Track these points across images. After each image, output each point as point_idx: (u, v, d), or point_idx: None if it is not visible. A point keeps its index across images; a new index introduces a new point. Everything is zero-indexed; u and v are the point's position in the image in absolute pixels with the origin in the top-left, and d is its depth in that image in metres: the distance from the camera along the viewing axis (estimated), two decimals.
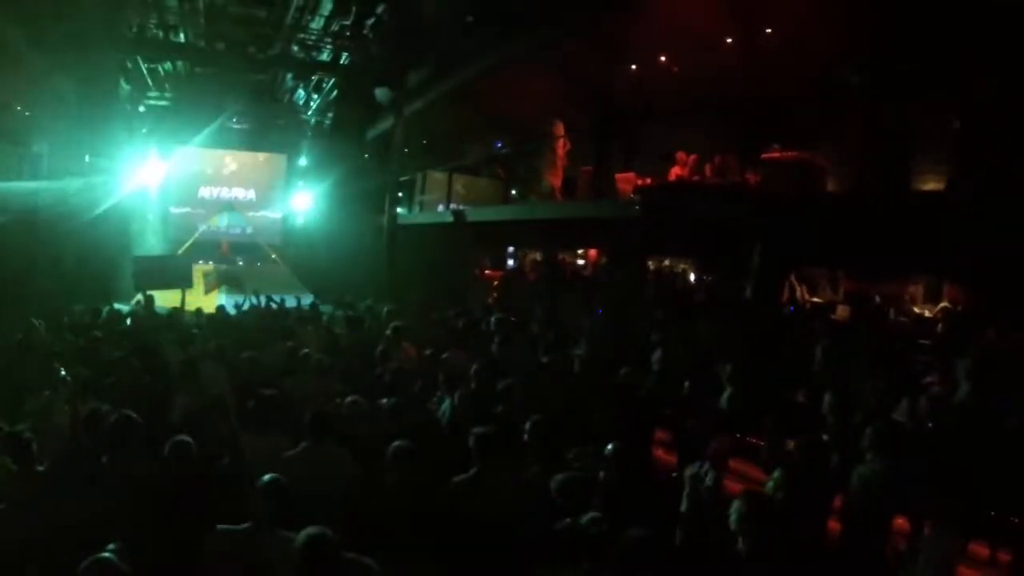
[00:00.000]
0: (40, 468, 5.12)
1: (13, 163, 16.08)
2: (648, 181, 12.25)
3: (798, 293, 10.92)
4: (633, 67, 12.95)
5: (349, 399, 6.36)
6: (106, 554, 3.55)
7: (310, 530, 3.52)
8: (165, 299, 13.24)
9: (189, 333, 10.09)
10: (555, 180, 14.78)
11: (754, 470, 6.91)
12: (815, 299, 10.92)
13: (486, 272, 21.52)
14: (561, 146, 14.47)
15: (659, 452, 7.52)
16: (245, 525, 4.07)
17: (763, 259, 10.18)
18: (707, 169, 11.16)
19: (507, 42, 14.07)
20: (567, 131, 14.10)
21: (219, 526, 4.06)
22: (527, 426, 5.60)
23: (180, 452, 4.97)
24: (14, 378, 7.83)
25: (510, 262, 21.64)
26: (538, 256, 20.15)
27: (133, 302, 13.32)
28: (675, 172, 11.83)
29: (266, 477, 4.22)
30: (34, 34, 15.25)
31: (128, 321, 11.63)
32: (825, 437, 6.01)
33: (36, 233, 15.51)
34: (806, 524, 5.29)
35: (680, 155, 11.77)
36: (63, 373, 7.54)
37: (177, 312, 12.18)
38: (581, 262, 19.17)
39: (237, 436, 5.74)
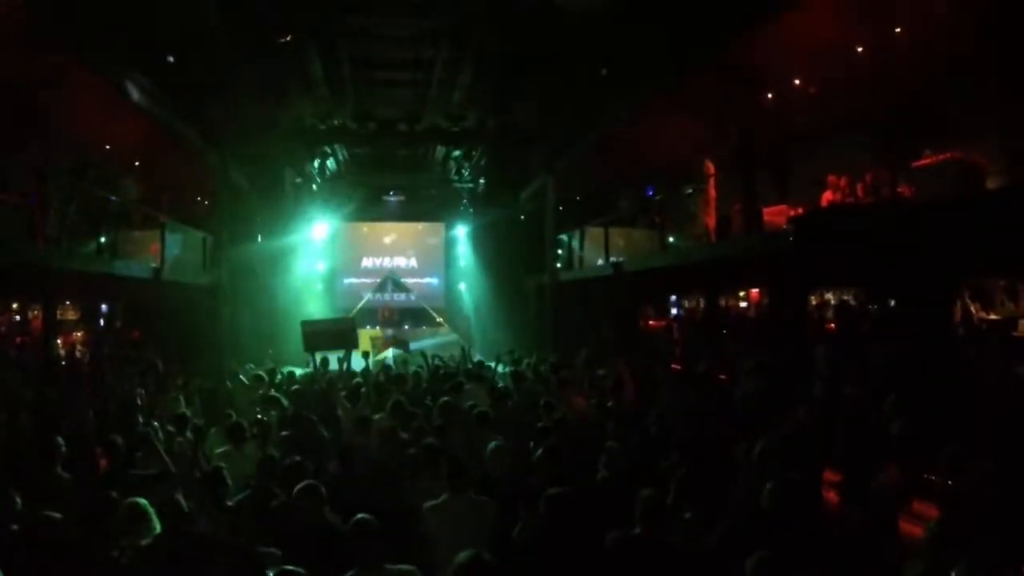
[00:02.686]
0: (229, 503, 5.78)
1: (197, 244, 17.45)
2: (800, 211, 11.75)
3: (972, 311, 10.06)
4: (769, 95, 12.56)
5: (492, 445, 6.43)
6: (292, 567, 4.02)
7: (469, 552, 3.66)
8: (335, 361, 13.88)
9: (359, 391, 10.55)
10: (710, 221, 14.41)
11: (932, 509, 6.28)
12: (992, 316, 10.01)
13: (650, 322, 21.23)
14: (713, 186, 14.13)
15: (829, 494, 6.94)
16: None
17: (927, 276, 9.49)
18: (859, 189, 10.58)
19: (640, 88, 14.06)
20: (717, 169, 13.79)
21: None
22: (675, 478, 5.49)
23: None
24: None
25: (673, 311, 21.23)
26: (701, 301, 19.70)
27: (307, 364, 13.99)
28: (826, 197, 11.30)
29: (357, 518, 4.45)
30: (208, 133, 16.75)
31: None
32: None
33: (219, 299, 16.80)
34: None
35: (831, 178, 11.24)
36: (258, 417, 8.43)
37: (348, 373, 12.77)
38: (744, 304, 18.56)
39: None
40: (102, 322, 18.55)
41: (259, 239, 19.97)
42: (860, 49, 10.23)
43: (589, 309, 19.10)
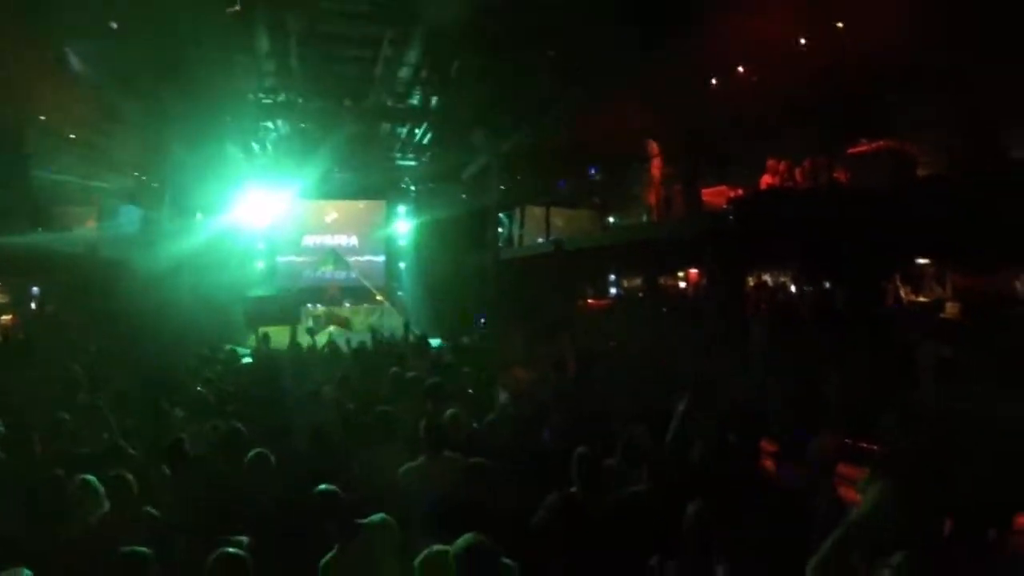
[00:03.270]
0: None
1: (136, 222, 17.24)
2: (740, 192, 12.09)
3: (902, 294, 10.53)
4: (714, 81, 12.89)
5: (449, 412, 6.63)
6: (234, 549, 4.07)
7: (469, 537, 3.70)
8: (277, 338, 13.87)
9: (306, 366, 10.63)
10: (652, 200, 14.71)
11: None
12: (921, 298, 10.49)
13: (589, 302, 21.53)
14: (656, 166, 14.40)
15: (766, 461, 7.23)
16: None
17: (860, 259, 9.90)
18: (797, 174, 10.95)
19: (588, 72, 14.25)
20: (661, 152, 14.05)
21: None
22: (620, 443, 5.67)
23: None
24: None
25: (612, 291, 21.56)
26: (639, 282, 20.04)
27: (250, 340, 13.95)
28: (766, 181, 11.64)
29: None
30: (149, 107, 16.43)
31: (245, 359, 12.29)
32: None
33: (160, 279, 16.63)
34: None
35: (770, 163, 11.58)
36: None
37: (295, 348, 12.79)
38: (683, 284, 18.93)
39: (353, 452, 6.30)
40: (33, 305, 18.15)
41: (199, 216, 19.70)
42: (804, 41, 10.54)
43: (529, 288, 19.29)
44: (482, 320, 17.65)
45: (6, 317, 17.23)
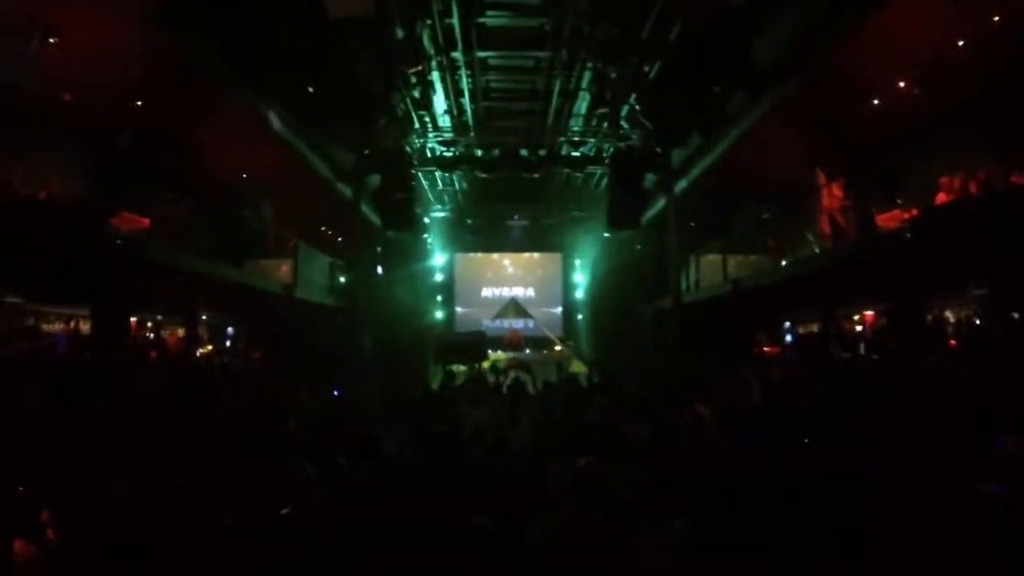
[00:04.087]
0: None
1: (324, 269, 19.19)
2: (914, 213, 11.64)
3: None
4: (875, 101, 12.57)
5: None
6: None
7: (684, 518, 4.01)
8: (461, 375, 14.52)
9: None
10: (825, 230, 14.39)
11: None
12: None
13: (765, 349, 21.02)
14: (826, 195, 14.12)
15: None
16: None
17: None
18: (972, 187, 10.41)
19: (752, 104, 14.29)
20: (829, 180, 13.81)
21: None
22: None
23: None
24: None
25: (788, 337, 20.96)
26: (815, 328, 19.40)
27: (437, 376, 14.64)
28: (940, 199, 11.15)
29: None
30: (336, 165, 17.89)
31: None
32: None
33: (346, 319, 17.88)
34: None
35: (944, 180, 11.08)
36: None
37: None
38: (859, 328, 18.21)
39: None
40: (228, 343, 19.92)
41: (384, 268, 20.99)
42: (960, 44, 10.14)
43: (708, 332, 19.11)
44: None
45: (209, 347, 19.03)
